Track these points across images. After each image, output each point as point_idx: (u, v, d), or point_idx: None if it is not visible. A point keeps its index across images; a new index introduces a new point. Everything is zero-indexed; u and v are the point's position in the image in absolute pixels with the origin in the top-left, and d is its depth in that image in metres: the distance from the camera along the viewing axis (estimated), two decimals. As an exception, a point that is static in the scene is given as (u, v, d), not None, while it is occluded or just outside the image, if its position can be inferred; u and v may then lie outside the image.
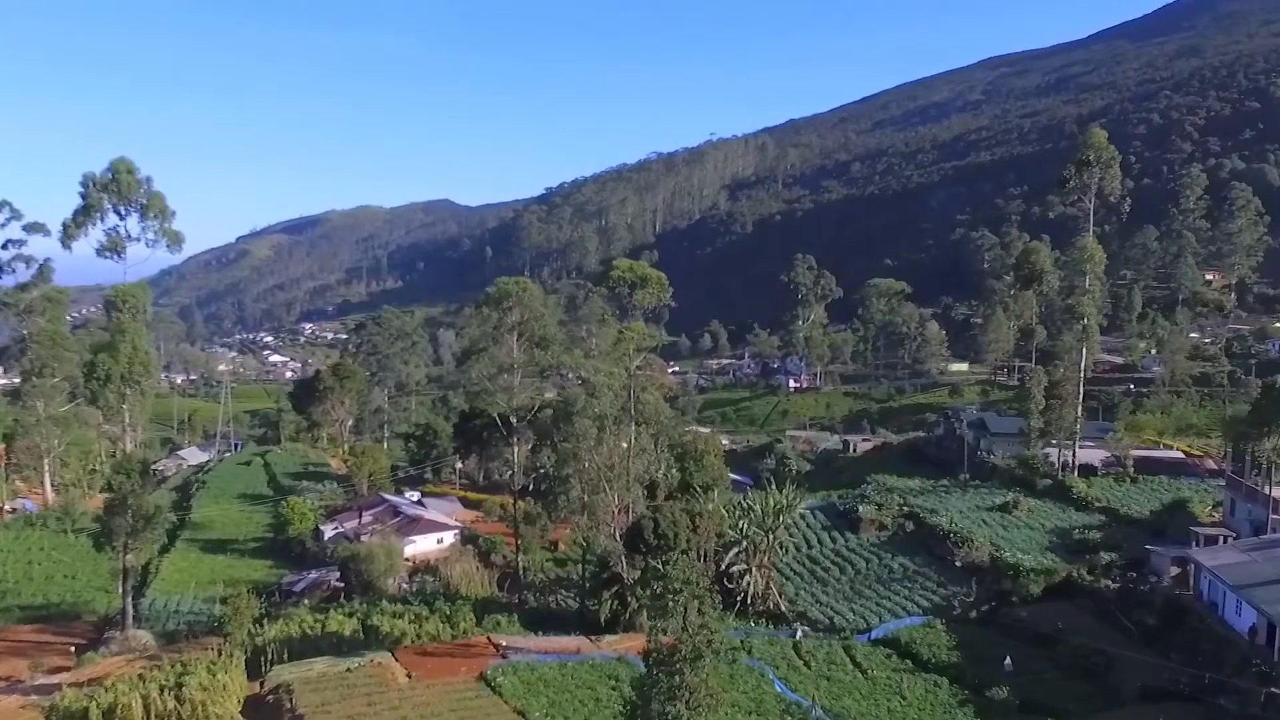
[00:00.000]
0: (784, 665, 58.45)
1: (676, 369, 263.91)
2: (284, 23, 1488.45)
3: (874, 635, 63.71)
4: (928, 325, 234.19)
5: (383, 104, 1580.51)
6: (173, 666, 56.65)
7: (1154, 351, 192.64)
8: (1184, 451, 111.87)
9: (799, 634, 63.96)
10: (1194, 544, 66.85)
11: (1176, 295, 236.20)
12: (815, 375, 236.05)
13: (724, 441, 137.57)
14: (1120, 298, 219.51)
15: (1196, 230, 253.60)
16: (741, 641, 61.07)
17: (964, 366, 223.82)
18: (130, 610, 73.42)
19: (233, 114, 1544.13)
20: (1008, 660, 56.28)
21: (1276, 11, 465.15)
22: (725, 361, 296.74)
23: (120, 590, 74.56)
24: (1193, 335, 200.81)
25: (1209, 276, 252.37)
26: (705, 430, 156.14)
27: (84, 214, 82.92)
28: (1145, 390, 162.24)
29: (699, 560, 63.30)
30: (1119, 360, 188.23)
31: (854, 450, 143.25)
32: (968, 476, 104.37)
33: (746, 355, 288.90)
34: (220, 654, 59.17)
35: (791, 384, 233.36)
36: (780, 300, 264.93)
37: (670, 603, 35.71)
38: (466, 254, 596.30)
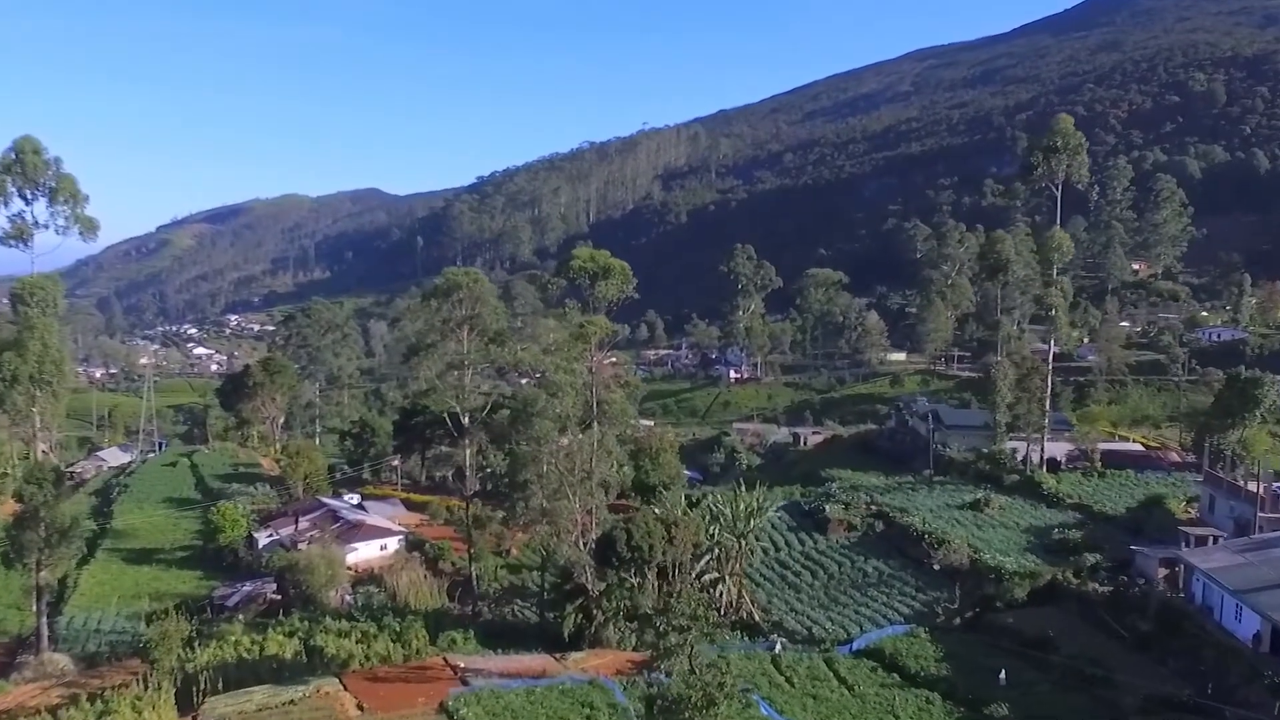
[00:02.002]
0: (765, 683, 54.53)
1: (614, 359, 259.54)
2: (202, 11, 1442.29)
3: (856, 646, 60.04)
4: (867, 315, 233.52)
5: (307, 92, 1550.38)
6: (92, 702, 51.27)
7: (1086, 340, 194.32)
8: (1141, 443, 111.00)
9: (777, 646, 60.24)
10: (1183, 544, 64.72)
11: (1106, 285, 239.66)
12: (756, 366, 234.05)
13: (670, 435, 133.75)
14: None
15: (1125, 221, 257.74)
16: (718, 656, 57.21)
17: (902, 356, 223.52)
18: (45, 630, 68.53)
19: (150, 102, 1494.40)
20: (1002, 673, 53.20)
21: (1191, 8, 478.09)
22: (663, 352, 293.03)
23: (34, 608, 69.07)
24: (1123, 324, 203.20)
25: (1135, 266, 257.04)
26: (650, 423, 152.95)
27: (-17, 198, 75.76)
28: (1084, 380, 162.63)
29: (675, 573, 59.50)
30: (1055, 350, 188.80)
31: (804, 443, 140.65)
32: (931, 472, 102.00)
33: (684, 346, 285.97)
34: (146, 684, 53.66)
35: (732, 374, 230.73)
36: (717, 290, 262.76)
37: (677, 641, 31.52)
38: (396, 244, 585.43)
